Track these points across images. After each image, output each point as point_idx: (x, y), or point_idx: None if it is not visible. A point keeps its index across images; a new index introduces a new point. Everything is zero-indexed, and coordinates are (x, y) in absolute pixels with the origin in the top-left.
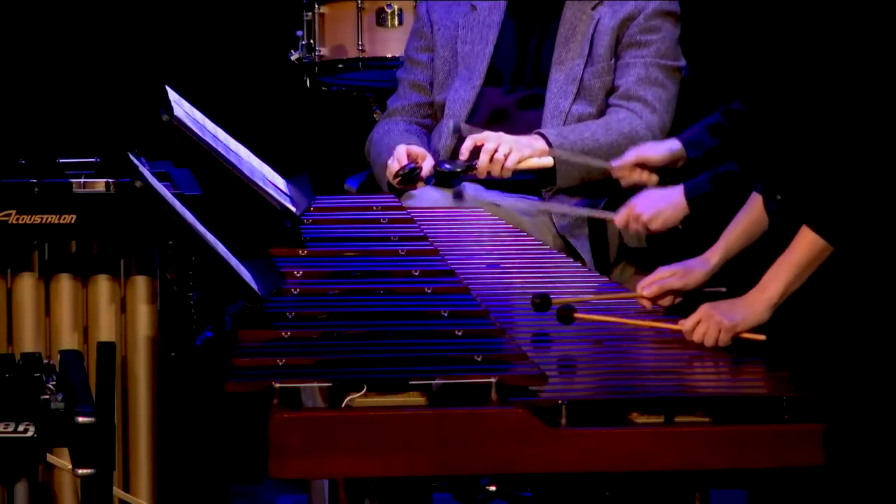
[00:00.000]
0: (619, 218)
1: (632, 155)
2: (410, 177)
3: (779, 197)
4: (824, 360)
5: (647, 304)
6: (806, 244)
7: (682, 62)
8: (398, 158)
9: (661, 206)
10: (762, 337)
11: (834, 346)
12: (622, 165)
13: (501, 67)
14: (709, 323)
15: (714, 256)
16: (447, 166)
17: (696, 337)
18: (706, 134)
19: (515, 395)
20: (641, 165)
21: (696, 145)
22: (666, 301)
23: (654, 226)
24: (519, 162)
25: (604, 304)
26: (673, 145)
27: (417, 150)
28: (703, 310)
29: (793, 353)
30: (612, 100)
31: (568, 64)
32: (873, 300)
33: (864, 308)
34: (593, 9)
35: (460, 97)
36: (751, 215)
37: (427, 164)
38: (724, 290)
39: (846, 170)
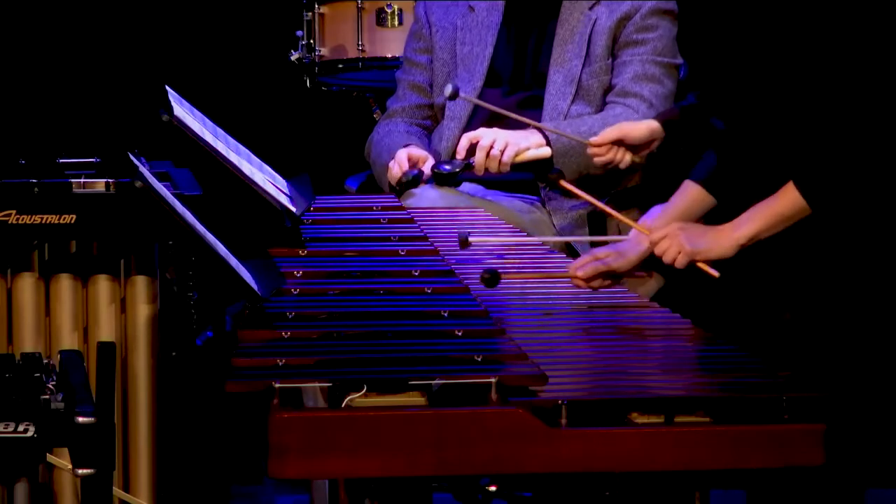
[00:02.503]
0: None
1: (612, 131)
2: (414, 183)
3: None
4: (825, 359)
5: (582, 284)
6: (789, 198)
7: (680, 60)
8: (399, 164)
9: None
10: (716, 273)
11: (834, 346)
12: (600, 142)
13: (500, 69)
14: (672, 241)
15: (645, 240)
16: (446, 167)
17: (658, 250)
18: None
19: (515, 395)
20: (619, 143)
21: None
22: (596, 283)
23: None
24: (516, 156)
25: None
26: (652, 124)
27: (419, 153)
28: (672, 227)
29: (794, 353)
30: (609, 97)
31: (566, 65)
32: (873, 301)
33: (865, 308)
34: (590, 9)
35: (461, 99)
36: (684, 200)
37: (429, 167)
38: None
39: (846, 146)
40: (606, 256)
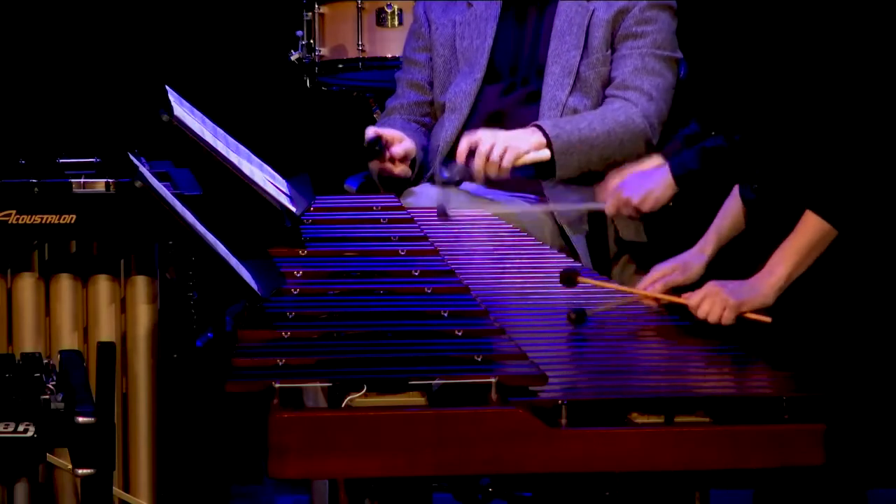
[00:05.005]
0: (608, 206)
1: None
2: (375, 150)
3: (755, 185)
4: (825, 359)
5: (654, 304)
6: (809, 228)
7: (679, 54)
8: (366, 138)
9: (648, 186)
10: (768, 319)
11: (835, 346)
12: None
13: (500, 59)
14: (714, 299)
15: (708, 247)
16: (446, 174)
17: (701, 313)
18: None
19: (515, 395)
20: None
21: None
22: (665, 299)
23: (646, 207)
24: (515, 160)
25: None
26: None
27: (390, 132)
28: (710, 286)
29: (794, 353)
30: (608, 91)
31: (564, 56)
32: (875, 300)
33: (866, 308)
34: (588, 0)
35: (462, 90)
36: (739, 202)
37: (403, 146)
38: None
39: (847, 153)
40: (673, 272)
